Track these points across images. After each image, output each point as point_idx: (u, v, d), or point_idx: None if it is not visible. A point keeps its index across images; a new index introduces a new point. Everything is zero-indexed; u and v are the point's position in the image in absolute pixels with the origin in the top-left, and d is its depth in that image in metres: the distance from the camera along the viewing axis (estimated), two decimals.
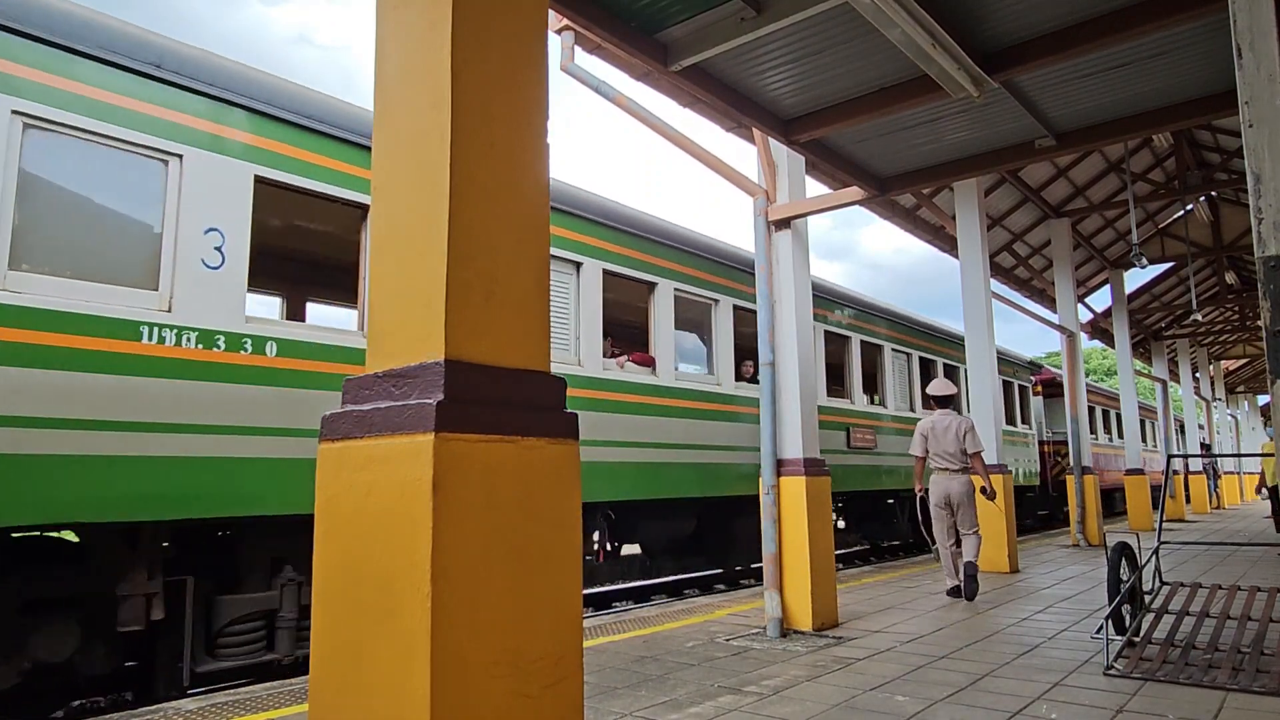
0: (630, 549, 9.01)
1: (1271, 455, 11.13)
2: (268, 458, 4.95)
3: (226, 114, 5.04)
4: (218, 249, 4.91)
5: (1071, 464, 12.24)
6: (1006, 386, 15.82)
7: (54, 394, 4.18)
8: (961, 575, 6.76)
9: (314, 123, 5.46)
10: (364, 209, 5.69)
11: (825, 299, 10.56)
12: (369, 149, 4.01)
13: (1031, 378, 18.09)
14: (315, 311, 9.00)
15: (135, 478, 4.40)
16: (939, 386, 7.26)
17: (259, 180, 5.14)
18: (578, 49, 5.52)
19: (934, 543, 7.09)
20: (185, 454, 4.61)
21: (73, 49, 4.48)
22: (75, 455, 4.20)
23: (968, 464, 6.90)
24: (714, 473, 8.58)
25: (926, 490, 7.10)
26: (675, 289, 8.36)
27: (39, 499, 4.09)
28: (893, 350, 12.45)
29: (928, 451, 7.00)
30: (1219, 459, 24.88)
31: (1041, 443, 17.99)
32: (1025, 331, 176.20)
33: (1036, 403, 18.30)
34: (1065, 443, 16.80)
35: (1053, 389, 18.85)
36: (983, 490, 7.13)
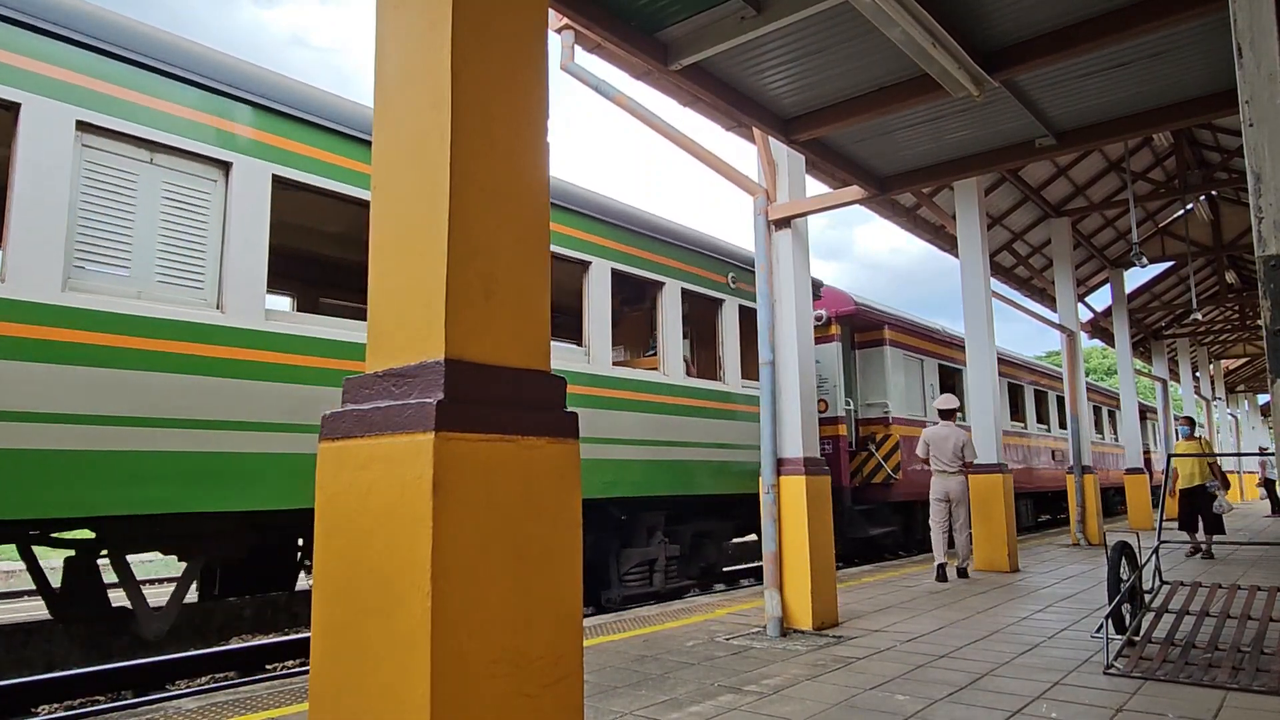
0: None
1: (1187, 455, 9.78)
2: None
3: None
4: None
5: (1072, 463, 12.24)
6: (707, 305, 8.84)
7: None
8: (953, 564, 8.25)
9: None
10: None
11: None
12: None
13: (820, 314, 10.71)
14: None
15: None
16: (944, 402, 8.60)
17: None
18: (578, 48, 5.52)
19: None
20: None
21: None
22: None
23: (963, 468, 8.29)
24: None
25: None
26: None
27: None
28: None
29: (929, 456, 8.35)
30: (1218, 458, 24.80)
31: (833, 419, 10.69)
32: (1024, 331, 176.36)
33: (828, 351, 10.89)
34: (885, 422, 11.14)
35: (866, 330, 11.68)
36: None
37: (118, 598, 5.35)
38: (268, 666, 6.79)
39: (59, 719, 5.16)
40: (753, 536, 10.29)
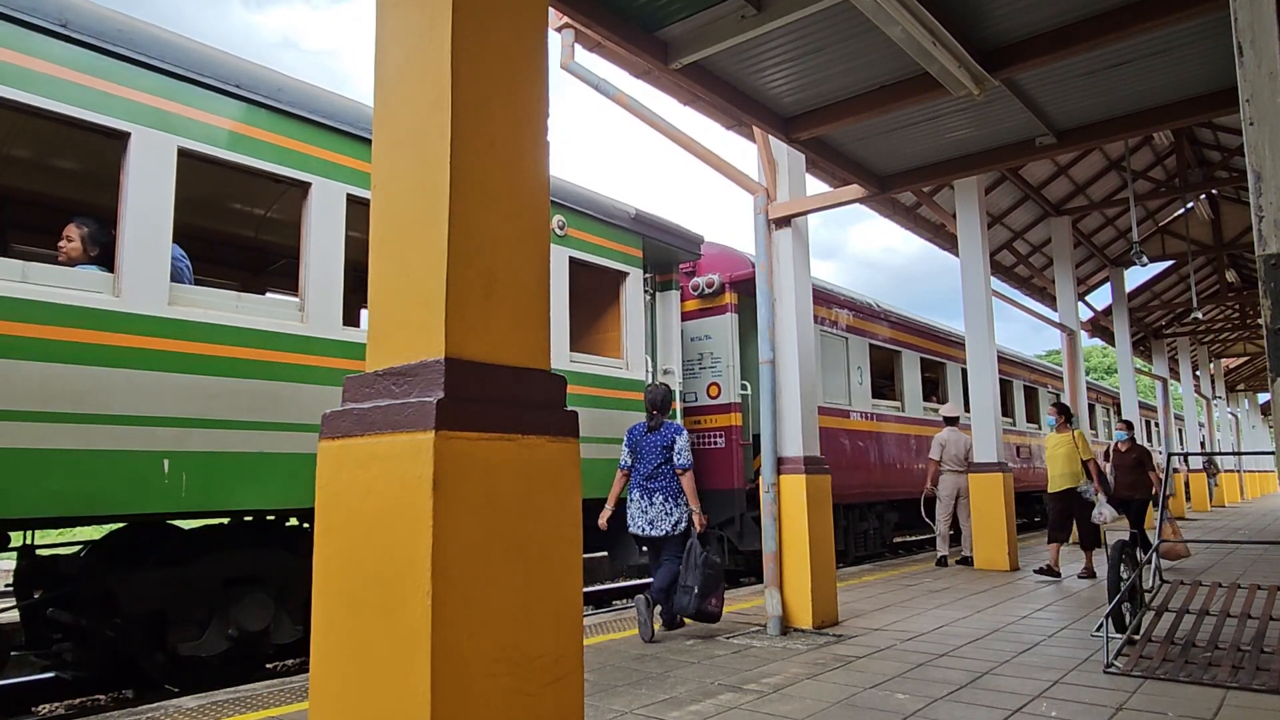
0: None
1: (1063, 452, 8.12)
2: None
3: None
4: None
5: None
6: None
7: None
8: (954, 556, 9.48)
9: None
10: None
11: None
12: None
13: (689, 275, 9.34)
14: None
15: None
16: (950, 410, 10.12)
17: None
18: (578, 47, 5.52)
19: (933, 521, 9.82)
20: None
21: None
22: None
23: (967, 468, 9.41)
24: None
25: (933, 492, 9.78)
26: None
27: None
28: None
29: (942, 457, 9.64)
30: (1218, 457, 24.80)
31: (726, 407, 9.06)
32: (1019, 330, 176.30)
33: (720, 324, 9.27)
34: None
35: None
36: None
37: None
38: (268, 665, 6.79)
39: (59, 718, 5.16)
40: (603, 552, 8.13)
